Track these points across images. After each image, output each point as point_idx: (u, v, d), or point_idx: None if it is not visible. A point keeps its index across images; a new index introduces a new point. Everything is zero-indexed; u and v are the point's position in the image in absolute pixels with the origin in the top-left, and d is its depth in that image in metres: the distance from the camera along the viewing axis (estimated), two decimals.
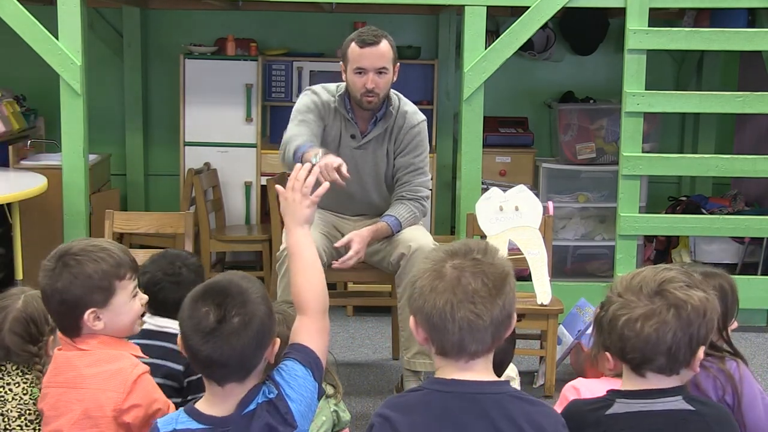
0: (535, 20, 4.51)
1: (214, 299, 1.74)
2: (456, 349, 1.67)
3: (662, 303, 1.75)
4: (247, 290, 1.77)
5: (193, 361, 1.77)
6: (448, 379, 1.69)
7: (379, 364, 4.23)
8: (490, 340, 1.68)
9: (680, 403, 1.77)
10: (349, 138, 3.60)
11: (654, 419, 1.76)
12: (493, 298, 1.65)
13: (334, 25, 5.78)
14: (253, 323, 1.74)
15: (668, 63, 5.94)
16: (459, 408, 1.66)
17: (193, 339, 1.73)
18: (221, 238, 5.20)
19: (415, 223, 3.64)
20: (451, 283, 1.65)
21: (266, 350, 1.79)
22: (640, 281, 1.78)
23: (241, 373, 1.76)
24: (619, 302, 1.78)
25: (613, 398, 1.80)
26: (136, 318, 2.11)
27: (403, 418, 1.66)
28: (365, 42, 3.44)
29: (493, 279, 1.66)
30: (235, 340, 1.72)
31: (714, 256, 5.29)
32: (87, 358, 2.01)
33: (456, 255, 1.69)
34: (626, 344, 1.76)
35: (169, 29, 5.84)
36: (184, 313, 1.76)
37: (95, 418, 1.95)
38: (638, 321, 1.74)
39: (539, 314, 3.74)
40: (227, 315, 1.72)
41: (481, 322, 1.64)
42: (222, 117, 5.41)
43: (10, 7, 4.37)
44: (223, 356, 1.72)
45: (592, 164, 5.50)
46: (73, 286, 1.99)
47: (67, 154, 4.50)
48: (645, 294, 1.76)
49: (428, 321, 1.67)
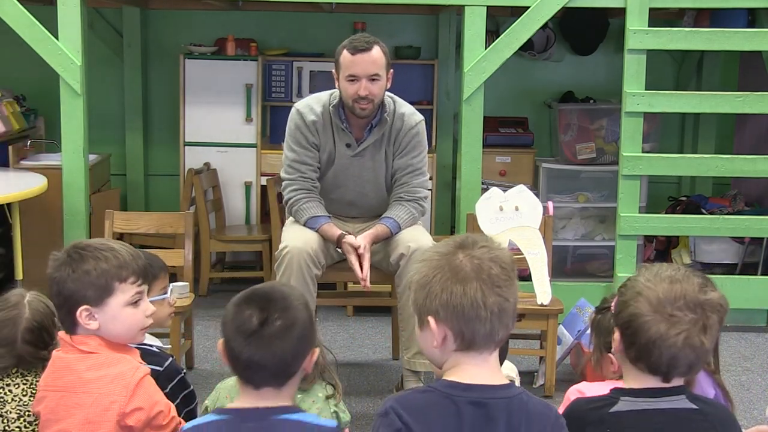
0: (535, 20, 4.51)
1: (258, 303, 1.76)
2: (486, 339, 1.68)
3: (699, 318, 1.75)
4: (289, 296, 1.79)
5: (234, 363, 1.78)
6: (464, 384, 1.68)
7: (379, 364, 4.23)
8: (510, 326, 1.71)
9: (684, 402, 1.78)
10: (345, 147, 3.60)
11: (658, 417, 1.76)
12: (512, 280, 1.69)
13: (334, 25, 5.78)
14: (295, 328, 1.75)
15: (668, 63, 5.94)
16: (473, 415, 1.65)
17: (235, 341, 1.74)
18: (221, 238, 5.20)
19: (414, 224, 3.64)
20: (474, 271, 1.66)
21: (305, 358, 1.80)
22: (676, 295, 1.76)
23: (279, 379, 1.77)
24: (654, 318, 1.75)
25: (617, 396, 1.80)
26: (135, 327, 2.07)
27: (420, 427, 1.64)
28: (357, 49, 3.43)
29: (507, 263, 1.70)
30: (276, 343, 1.73)
31: (714, 256, 5.29)
32: (87, 361, 2.00)
33: (465, 246, 1.71)
34: (653, 355, 1.75)
35: (169, 29, 5.84)
36: (228, 317, 1.78)
37: (97, 423, 1.93)
38: (680, 335, 1.73)
39: (539, 314, 3.74)
40: (270, 318, 1.74)
41: (508, 305, 1.67)
42: (222, 117, 5.41)
43: (10, 7, 4.37)
44: (263, 359, 1.73)
45: (592, 164, 5.50)
46: (70, 279, 1.99)
47: (67, 154, 4.50)
48: (682, 309, 1.75)
49: (458, 314, 1.66)
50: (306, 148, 3.58)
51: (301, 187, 3.59)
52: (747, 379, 4.10)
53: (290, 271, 3.37)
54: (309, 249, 3.41)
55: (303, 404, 2.20)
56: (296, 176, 3.60)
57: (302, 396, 2.22)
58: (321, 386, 2.27)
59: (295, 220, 3.62)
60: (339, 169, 3.64)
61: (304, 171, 3.60)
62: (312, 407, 2.21)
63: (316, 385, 2.26)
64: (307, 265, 3.39)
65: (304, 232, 3.53)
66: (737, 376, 4.10)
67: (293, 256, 3.38)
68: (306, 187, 3.59)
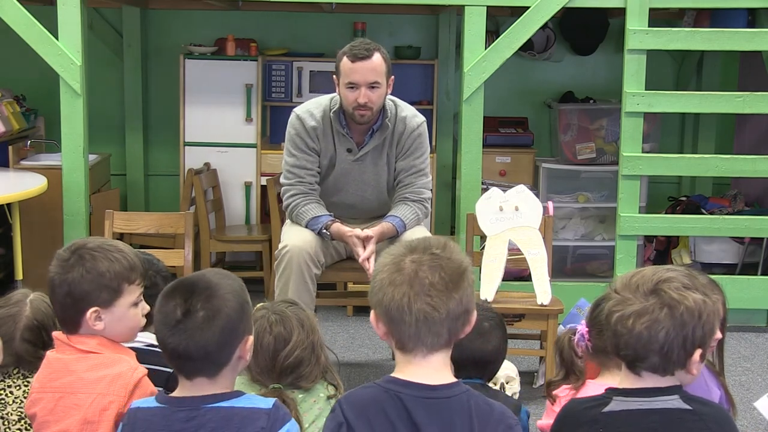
0: (535, 20, 4.51)
1: (182, 293, 1.77)
2: (413, 342, 1.70)
3: (656, 301, 1.75)
4: (216, 285, 1.79)
5: (164, 353, 1.80)
6: (403, 380, 1.71)
7: (379, 364, 4.23)
8: (447, 335, 1.71)
9: (677, 402, 1.77)
10: (345, 152, 3.60)
11: (651, 417, 1.75)
12: (450, 291, 1.68)
13: (334, 25, 5.78)
14: (218, 318, 1.75)
15: (668, 63, 5.94)
16: (413, 410, 1.68)
17: (161, 332, 1.77)
18: (221, 238, 5.20)
19: (418, 224, 3.64)
20: (408, 276, 1.68)
21: (235, 347, 1.80)
22: (638, 280, 1.79)
23: (209, 369, 1.78)
24: (615, 299, 1.79)
25: (610, 396, 1.80)
26: (136, 326, 2.09)
27: (361, 423, 1.68)
28: (357, 56, 3.42)
29: (450, 273, 1.69)
30: (198, 333, 1.74)
31: (714, 256, 5.29)
32: (85, 362, 1.99)
33: (415, 250, 1.73)
34: (620, 340, 1.77)
35: (169, 29, 5.84)
36: (156, 308, 1.80)
37: (96, 423, 1.93)
38: (630, 318, 1.75)
39: (539, 314, 3.74)
40: (192, 309, 1.75)
41: (437, 314, 1.67)
42: (222, 117, 5.41)
43: (10, 7, 4.37)
44: (187, 349, 1.74)
45: (592, 164, 5.50)
46: (84, 281, 1.98)
47: (67, 154, 4.50)
48: (641, 292, 1.77)
49: (387, 314, 1.70)
50: (306, 152, 3.58)
51: (300, 192, 3.59)
52: (747, 379, 4.10)
53: (290, 270, 3.37)
54: (309, 248, 3.41)
55: (304, 404, 2.20)
56: (295, 181, 3.60)
57: (304, 396, 2.22)
58: (323, 386, 2.27)
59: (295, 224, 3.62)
60: (340, 174, 3.64)
61: (303, 176, 3.60)
62: (313, 407, 2.22)
63: (318, 384, 2.26)
64: (306, 264, 3.39)
65: (303, 231, 3.53)
66: (737, 376, 4.10)
67: (293, 255, 3.38)
68: (304, 191, 3.59)
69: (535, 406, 3.59)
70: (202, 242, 5.13)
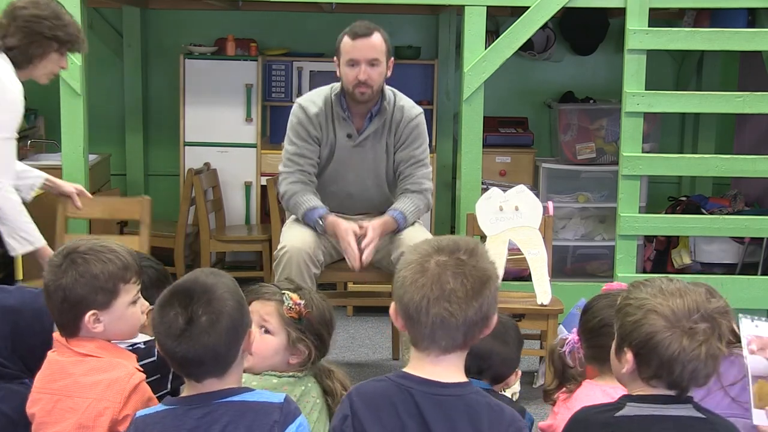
0: (535, 20, 4.51)
1: (181, 302, 1.76)
2: (427, 342, 1.71)
3: (715, 323, 1.76)
4: (212, 287, 1.78)
5: (171, 362, 1.80)
6: (415, 376, 1.72)
7: (379, 364, 4.23)
8: (462, 339, 1.71)
9: (691, 410, 1.78)
10: (345, 138, 3.62)
11: (664, 424, 1.75)
12: (470, 299, 1.68)
13: (334, 25, 5.74)
14: (221, 320, 1.76)
15: (668, 63, 5.94)
16: (423, 406, 1.69)
17: (166, 343, 1.76)
18: (221, 238, 5.20)
19: (420, 216, 3.66)
20: (431, 279, 1.68)
21: (240, 343, 1.81)
22: (690, 307, 1.77)
23: (218, 369, 1.79)
24: (673, 332, 1.75)
25: (623, 402, 1.80)
26: (136, 324, 2.08)
27: (369, 414, 1.70)
28: (357, 34, 3.48)
29: (473, 281, 1.69)
30: (205, 338, 1.74)
31: (714, 256, 5.29)
32: (83, 365, 1.98)
33: (442, 251, 1.72)
34: (676, 369, 1.76)
35: (169, 29, 5.84)
36: (156, 320, 1.79)
37: (90, 428, 1.91)
38: (701, 347, 1.74)
39: (539, 314, 3.75)
40: (194, 316, 1.75)
41: (453, 320, 1.68)
42: (222, 117, 5.41)
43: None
44: (197, 355, 1.74)
45: (592, 164, 5.50)
46: (78, 285, 1.97)
47: (67, 154, 4.50)
48: (701, 319, 1.76)
49: (405, 311, 1.71)
50: (307, 141, 3.60)
51: (298, 180, 3.60)
52: None
53: (289, 270, 3.37)
54: (308, 248, 3.42)
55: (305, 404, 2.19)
56: (294, 169, 3.61)
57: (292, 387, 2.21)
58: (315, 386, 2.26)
59: (292, 215, 3.62)
60: (339, 161, 3.65)
61: (302, 164, 3.61)
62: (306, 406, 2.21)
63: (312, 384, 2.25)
64: (306, 264, 3.39)
65: (302, 231, 3.53)
66: None
67: (292, 255, 3.39)
68: (302, 180, 3.60)
69: (535, 405, 3.59)
70: (202, 242, 5.13)
